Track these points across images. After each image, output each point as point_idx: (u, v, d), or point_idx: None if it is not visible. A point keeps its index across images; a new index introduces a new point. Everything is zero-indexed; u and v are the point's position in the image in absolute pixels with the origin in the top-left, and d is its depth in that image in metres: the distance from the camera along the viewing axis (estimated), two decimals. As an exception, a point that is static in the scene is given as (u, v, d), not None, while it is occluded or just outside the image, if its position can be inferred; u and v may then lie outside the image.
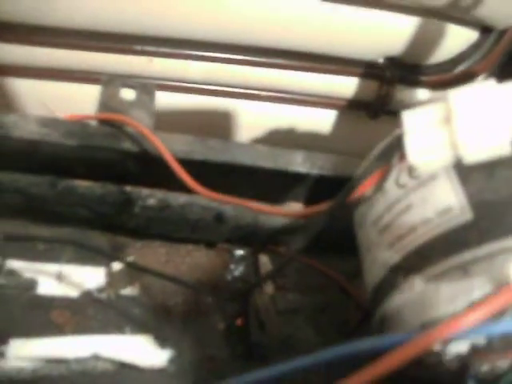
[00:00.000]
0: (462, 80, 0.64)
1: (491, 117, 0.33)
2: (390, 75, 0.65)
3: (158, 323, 0.47)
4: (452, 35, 0.61)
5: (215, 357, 0.46)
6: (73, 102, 0.67)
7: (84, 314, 0.46)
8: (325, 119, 0.72)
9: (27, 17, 0.61)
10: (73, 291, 0.47)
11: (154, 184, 0.49)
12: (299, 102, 0.71)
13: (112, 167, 0.48)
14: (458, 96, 0.33)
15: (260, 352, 0.46)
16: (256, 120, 0.72)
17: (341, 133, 0.73)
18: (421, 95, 0.67)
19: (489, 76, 0.63)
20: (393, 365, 0.30)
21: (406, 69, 0.65)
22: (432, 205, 0.34)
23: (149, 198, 0.48)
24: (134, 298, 0.48)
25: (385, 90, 0.66)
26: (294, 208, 0.48)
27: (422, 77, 0.65)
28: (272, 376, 0.37)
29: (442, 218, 0.33)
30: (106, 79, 0.50)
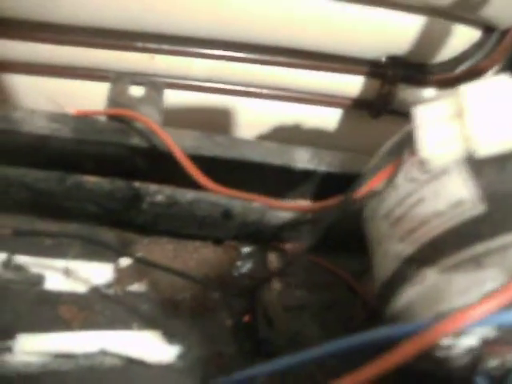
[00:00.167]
0: (464, 79, 0.63)
1: (503, 111, 0.33)
2: (393, 74, 0.65)
3: (166, 319, 0.47)
4: (454, 34, 0.61)
5: (223, 353, 0.46)
6: (75, 99, 0.66)
7: (91, 310, 0.46)
8: (327, 117, 0.72)
9: (30, 13, 0.60)
10: (80, 287, 0.47)
11: (162, 180, 0.49)
12: (301, 100, 0.71)
13: (120, 163, 0.48)
14: (470, 90, 0.34)
15: (267, 348, 0.46)
16: (258, 118, 0.72)
17: (343, 131, 0.73)
18: (423, 94, 0.67)
19: (495, 73, 0.64)
20: (402, 357, 0.30)
21: (409, 68, 0.65)
22: (444, 198, 0.34)
23: (157, 194, 0.48)
24: (142, 294, 0.48)
25: (387, 89, 0.66)
26: (302, 204, 0.48)
27: (424, 76, 0.65)
28: (277, 369, 0.37)
29: (455, 211, 0.33)
30: (115, 76, 0.50)
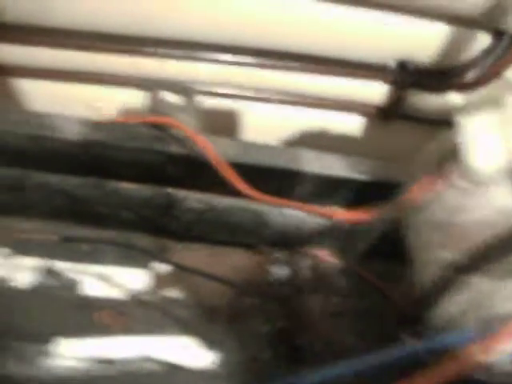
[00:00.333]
0: (474, 85, 0.63)
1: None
2: (403, 79, 0.65)
3: (203, 325, 0.47)
4: (465, 39, 0.61)
5: (258, 358, 0.47)
6: (80, 103, 0.66)
7: (130, 315, 0.47)
8: (337, 122, 0.72)
9: (26, 17, 0.61)
10: (118, 292, 0.48)
11: (196, 187, 0.50)
12: (310, 105, 0.71)
13: (156, 170, 0.49)
14: (517, 102, 0.35)
15: (303, 355, 0.47)
16: (266, 123, 0.72)
17: (352, 136, 0.73)
18: (432, 99, 0.67)
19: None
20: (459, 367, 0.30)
21: (418, 73, 0.65)
22: (491, 207, 0.35)
23: (193, 201, 0.49)
24: (178, 300, 0.48)
25: (397, 94, 0.66)
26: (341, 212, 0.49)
27: (434, 81, 0.65)
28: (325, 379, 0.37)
29: (501, 219, 0.34)
30: (152, 84, 0.51)
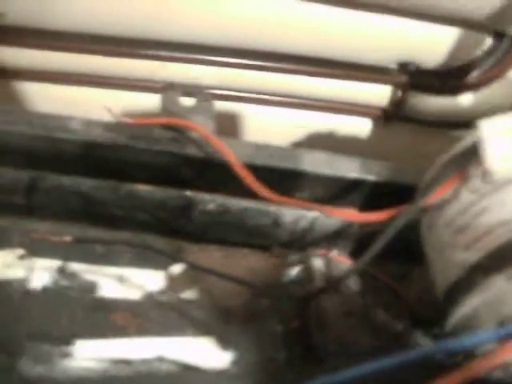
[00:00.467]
0: (476, 86, 0.64)
1: None
2: (404, 81, 0.65)
3: (219, 325, 0.47)
4: (466, 41, 0.61)
5: (274, 358, 0.47)
6: (80, 106, 0.66)
7: (146, 316, 0.47)
8: (339, 124, 0.73)
9: (26, 20, 0.61)
10: (133, 294, 0.48)
11: (212, 189, 0.50)
12: (312, 108, 0.71)
13: (172, 172, 0.49)
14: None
15: (317, 354, 0.47)
16: (268, 125, 0.73)
17: (353, 138, 0.74)
18: (433, 101, 0.68)
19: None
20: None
21: (420, 74, 0.66)
22: (509, 207, 0.36)
23: (209, 203, 0.49)
24: (194, 301, 0.49)
25: (399, 96, 0.67)
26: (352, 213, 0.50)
27: (435, 82, 0.66)
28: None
29: (522, 220, 0.35)
30: (166, 86, 0.51)
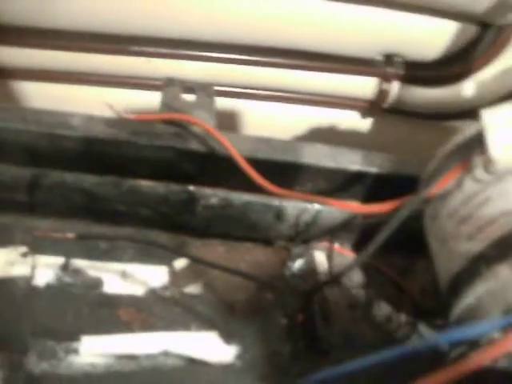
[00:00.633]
0: (462, 76, 0.64)
1: None
2: (390, 72, 0.66)
3: (223, 320, 0.47)
4: (451, 32, 0.61)
5: (278, 351, 0.47)
6: (79, 105, 0.66)
7: (150, 312, 0.47)
8: (327, 117, 0.73)
9: (25, 19, 0.61)
10: (137, 289, 0.48)
11: (214, 183, 0.50)
12: (299, 101, 0.71)
13: (174, 167, 0.49)
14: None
15: (323, 346, 0.47)
16: (254, 119, 0.73)
17: (342, 130, 0.74)
18: (420, 92, 0.68)
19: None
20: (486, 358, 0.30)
21: (406, 66, 0.66)
22: (512, 197, 0.36)
23: (212, 197, 0.49)
24: (198, 296, 0.49)
25: (385, 88, 0.67)
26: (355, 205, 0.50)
27: (422, 74, 0.66)
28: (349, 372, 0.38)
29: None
30: (166, 82, 0.51)
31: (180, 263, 0.50)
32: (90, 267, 0.48)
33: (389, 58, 0.66)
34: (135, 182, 0.48)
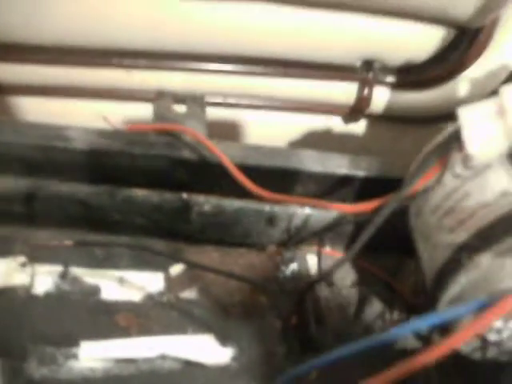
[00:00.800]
0: (441, 79, 0.65)
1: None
2: (369, 78, 0.67)
3: (219, 323, 0.48)
4: (428, 36, 0.62)
5: (274, 353, 0.48)
6: (65, 117, 0.67)
7: (147, 317, 0.48)
8: (309, 123, 0.74)
9: (11, 35, 0.61)
10: (134, 295, 0.49)
11: (207, 190, 0.52)
12: (286, 109, 0.72)
13: (168, 175, 0.51)
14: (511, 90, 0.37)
15: (316, 345, 0.48)
16: (243, 128, 0.73)
17: (326, 136, 0.75)
18: (399, 96, 0.69)
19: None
20: (458, 341, 0.31)
21: (384, 71, 0.67)
22: (490, 190, 0.37)
23: (205, 205, 0.50)
24: (194, 300, 0.50)
25: (365, 93, 0.68)
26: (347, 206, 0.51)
27: (401, 78, 0.67)
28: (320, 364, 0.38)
29: (501, 201, 0.37)
30: (158, 94, 0.53)
31: (176, 269, 0.51)
32: (88, 275, 0.49)
33: (368, 64, 0.66)
34: (130, 192, 0.50)
